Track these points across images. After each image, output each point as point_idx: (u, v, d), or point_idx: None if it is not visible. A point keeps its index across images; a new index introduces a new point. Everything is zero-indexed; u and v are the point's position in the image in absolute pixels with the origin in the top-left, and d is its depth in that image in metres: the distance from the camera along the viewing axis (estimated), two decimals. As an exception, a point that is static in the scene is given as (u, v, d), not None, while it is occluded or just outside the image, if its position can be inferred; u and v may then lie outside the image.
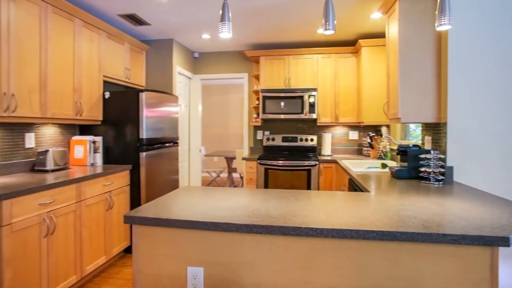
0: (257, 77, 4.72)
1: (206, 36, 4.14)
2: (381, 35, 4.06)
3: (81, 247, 2.60)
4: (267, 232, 1.28)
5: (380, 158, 4.01)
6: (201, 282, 1.38)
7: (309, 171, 4.05)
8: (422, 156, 2.31)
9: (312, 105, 4.26)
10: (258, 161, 4.18)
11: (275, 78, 4.43)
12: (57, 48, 2.73)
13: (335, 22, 1.49)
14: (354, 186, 2.57)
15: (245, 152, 4.96)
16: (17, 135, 2.73)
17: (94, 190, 2.76)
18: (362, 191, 2.13)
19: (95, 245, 2.79)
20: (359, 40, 3.91)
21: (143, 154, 3.34)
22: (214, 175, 7.45)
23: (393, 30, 2.60)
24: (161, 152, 3.69)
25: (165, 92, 3.80)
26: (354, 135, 4.63)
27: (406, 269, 1.22)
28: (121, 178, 3.17)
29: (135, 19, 3.48)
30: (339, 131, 4.66)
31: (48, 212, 2.26)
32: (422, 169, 2.28)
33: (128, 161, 3.36)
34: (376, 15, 3.36)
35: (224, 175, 8.19)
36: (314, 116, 4.25)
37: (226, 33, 1.68)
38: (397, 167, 2.53)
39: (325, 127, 4.70)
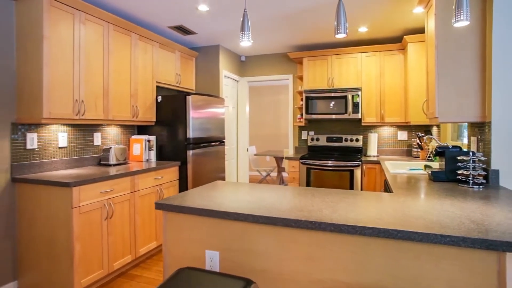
0: (301, 78, 4.79)
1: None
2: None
3: (135, 231, 2.99)
4: (271, 223, 1.41)
5: (429, 159, 3.79)
6: (217, 265, 1.56)
7: (351, 171, 4.01)
8: (460, 158, 2.19)
9: (356, 105, 4.20)
10: (301, 160, 4.25)
11: (318, 79, 4.45)
12: (117, 59, 3.17)
13: (347, 24, 1.50)
14: (386, 187, 2.54)
15: (290, 152, 5.06)
16: (87, 135, 3.24)
17: (146, 182, 3.14)
18: (391, 192, 2.12)
19: (147, 231, 3.17)
20: (405, 36, 3.75)
21: (190, 152, 3.67)
22: (264, 174, 7.67)
23: (431, 25, 2.50)
24: (207, 150, 3.99)
25: (211, 95, 4.10)
26: (403, 135, 4.43)
27: (406, 269, 1.25)
28: (170, 173, 3.53)
29: (183, 30, 3.84)
30: (387, 131, 4.50)
31: (107, 199, 2.67)
32: (460, 171, 2.17)
33: (177, 158, 3.71)
34: (418, 9, 3.21)
35: (275, 174, 8.37)
36: (358, 116, 4.19)
37: (246, 42, 1.84)
38: (435, 169, 2.43)
39: (371, 127, 4.58)
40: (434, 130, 4.02)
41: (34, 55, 2.50)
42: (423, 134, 3.66)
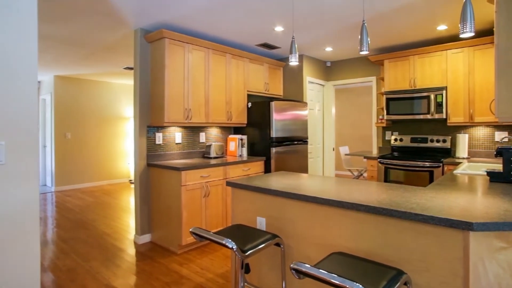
0: (383, 80, 4.88)
1: (329, 49, 4.75)
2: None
3: (226, 209, 3.84)
4: (297, 198, 1.92)
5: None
6: (263, 227, 2.16)
7: (431, 172, 3.97)
8: (514, 158, 2.19)
9: (439, 105, 4.10)
10: (379, 160, 4.41)
11: (400, 80, 4.49)
12: (215, 75, 4.09)
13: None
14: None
15: (374, 152, 5.18)
16: (195, 134, 4.28)
17: (236, 172, 3.95)
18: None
19: (235, 211, 3.99)
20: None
21: (273, 150, 4.34)
22: (356, 173, 7.76)
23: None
24: (289, 148, 4.59)
25: (293, 99, 4.67)
26: (501, 136, 4.06)
27: (392, 240, 1.59)
28: (256, 167, 4.27)
29: (268, 46, 4.54)
30: (481, 131, 4.19)
31: (206, 182, 3.57)
32: (514, 171, 2.17)
33: (263, 155, 4.44)
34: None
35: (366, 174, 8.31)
36: (442, 116, 4.08)
37: (294, 62, 2.35)
38: (492, 169, 2.42)
39: (460, 127, 4.33)
40: (535, 130, 3.60)
41: (160, 79, 3.60)
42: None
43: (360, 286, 1.11)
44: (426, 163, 3.98)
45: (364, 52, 2.10)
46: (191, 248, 3.52)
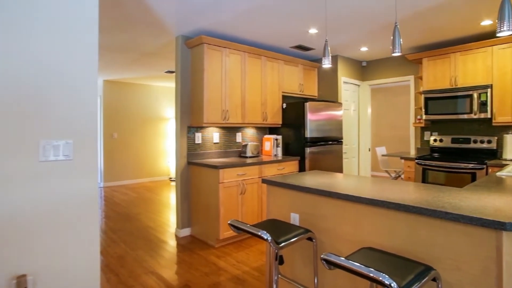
0: (421, 79, 4.75)
1: (364, 48, 4.71)
2: None
3: (261, 206, 3.98)
4: (329, 195, 2.01)
5: None
6: (297, 223, 2.26)
7: (473, 174, 3.81)
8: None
9: (483, 104, 3.93)
10: (416, 160, 4.31)
11: (439, 78, 4.35)
12: (250, 78, 4.25)
13: None
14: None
15: (412, 153, 5.06)
16: (231, 134, 4.47)
17: (271, 171, 4.08)
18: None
19: (270, 209, 4.11)
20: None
21: (307, 150, 4.41)
22: (393, 175, 7.55)
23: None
24: (323, 148, 4.63)
25: (328, 100, 4.70)
26: (554, 136, 3.80)
27: (423, 238, 1.63)
28: (291, 166, 4.37)
29: (302, 48, 4.61)
30: (531, 131, 3.95)
31: (242, 180, 3.74)
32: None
33: (297, 154, 4.52)
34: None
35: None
36: (487, 115, 3.90)
37: (327, 65, 2.42)
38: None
39: (508, 127, 4.10)
40: None
41: (199, 82, 3.82)
42: None
43: (386, 276, 1.19)
44: (469, 165, 3.83)
45: (397, 54, 2.12)
46: (228, 243, 3.71)
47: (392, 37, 2.10)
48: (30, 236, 1.75)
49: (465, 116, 4.07)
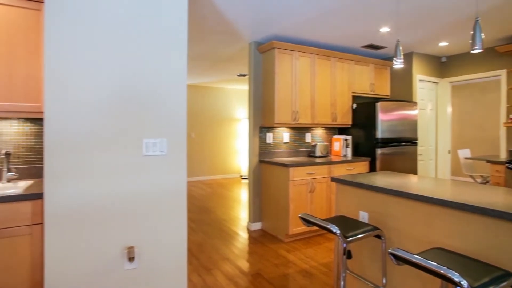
0: (516, 73, 4.26)
1: (443, 43, 4.40)
2: None
3: (330, 205, 4.04)
4: (399, 195, 2.03)
5: None
6: (366, 221, 2.31)
7: None
8: None
9: None
10: (507, 164, 3.90)
11: (537, 72, 3.86)
12: (320, 79, 4.33)
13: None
14: None
15: (502, 157, 4.57)
16: (301, 134, 4.61)
17: (340, 171, 4.11)
18: None
19: (338, 208, 4.15)
20: None
21: (378, 151, 4.32)
22: (479, 180, 6.82)
23: None
24: (396, 150, 4.48)
25: (401, 99, 4.53)
26: None
27: (502, 243, 1.57)
28: (361, 167, 4.33)
29: (373, 47, 4.51)
30: None
31: (311, 178, 3.86)
32: None
33: (368, 155, 4.46)
34: None
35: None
36: None
37: (398, 65, 2.39)
38: None
39: None
40: None
41: (270, 84, 4.05)
42: None
43: (456, 273, 1.22)
44: None
45: (477, 50, 2.03)
46: (296, 239, 3.86)
47: (472, 32, 2.01)
48: (136, 216, 2.15)
49: None
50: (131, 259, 2.10)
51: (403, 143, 4.57)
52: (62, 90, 1.94)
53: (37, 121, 2.53)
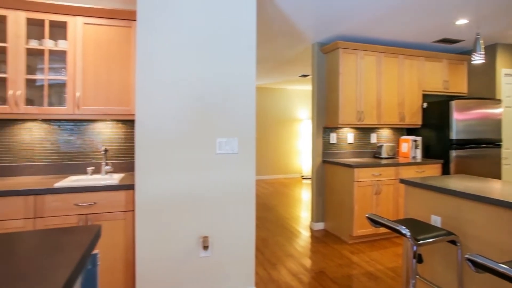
0: None
1: (535, 33, 3.91)
2: None
3: (397, 208, 3.88)
4: (479, 200, 1.91)
5: None
6: (439, 225, 2.21)
7: None
8: None
9: None
10: None
11: None
12: (386, 78, 4.18)
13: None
14: None
15: None
16: (366, 135, 4.50)
17: (409, 173, 3.93)
18: None
19: (407, 212, 3.96)
20: None
21: (453, 153, 4.02)
22: None
23: None
24: (474, 152, 4.11)
25: (481, 97, 4.14)
26: None
27: None
28: (432, 169, 4.07)
29: (447, 41, 4.19)
30: None
31: (377, 180, 3.76)
32: None
33: (441, 157, 4.17)
34: None
35: None
36: None
37: (478, 61, 2.22)
38: None
39: None
40: None
41: (334, 85, 4.03)
42: None
43: (545, 282, 1.14)
44: None
45: None
46: (361, 241, 3.79)
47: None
48: (209, 209, 2.36)
49: None
50: (205, 247, 2.32)
51: (484, 145, 4.17)
52: (150, 97, 2.24)
53: (127, 122, 2.92)
